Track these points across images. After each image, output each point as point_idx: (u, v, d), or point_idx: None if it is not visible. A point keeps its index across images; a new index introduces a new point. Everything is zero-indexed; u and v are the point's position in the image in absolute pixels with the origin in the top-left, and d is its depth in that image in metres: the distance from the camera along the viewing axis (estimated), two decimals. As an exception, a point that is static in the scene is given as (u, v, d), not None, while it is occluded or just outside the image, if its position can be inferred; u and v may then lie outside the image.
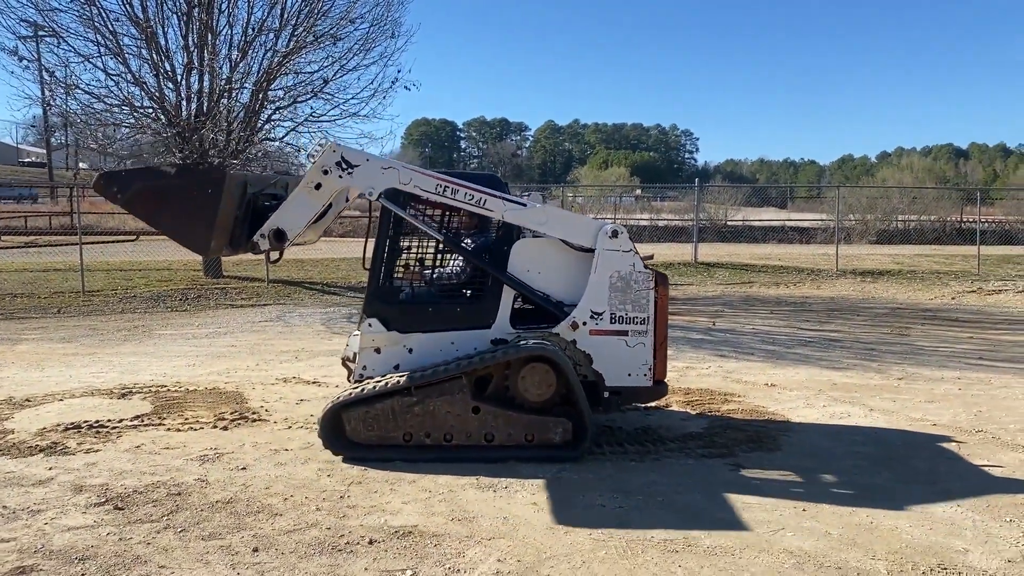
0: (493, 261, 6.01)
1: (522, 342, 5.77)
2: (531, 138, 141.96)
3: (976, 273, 19.84)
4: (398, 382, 5.66)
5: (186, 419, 6.71)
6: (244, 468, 5.50)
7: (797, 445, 6.23)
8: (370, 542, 4.37)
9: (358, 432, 5.71)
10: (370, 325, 5.98)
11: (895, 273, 19.96)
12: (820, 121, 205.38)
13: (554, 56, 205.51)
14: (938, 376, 8.71)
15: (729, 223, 33.20)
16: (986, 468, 5.71)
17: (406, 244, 6.34)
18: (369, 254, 6.21)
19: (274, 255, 6.12)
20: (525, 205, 5.97)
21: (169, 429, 6.44)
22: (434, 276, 6.24)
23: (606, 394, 5.94)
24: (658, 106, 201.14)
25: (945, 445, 6.26)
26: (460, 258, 6.23)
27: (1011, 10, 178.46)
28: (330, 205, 6.23)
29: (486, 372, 5.83)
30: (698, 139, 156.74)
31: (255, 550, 4.26)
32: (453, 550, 4.29)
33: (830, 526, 4.64)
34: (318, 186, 5.87)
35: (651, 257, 6.91)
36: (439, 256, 6.61)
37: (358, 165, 5.88)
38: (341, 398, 5.74)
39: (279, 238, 5.90)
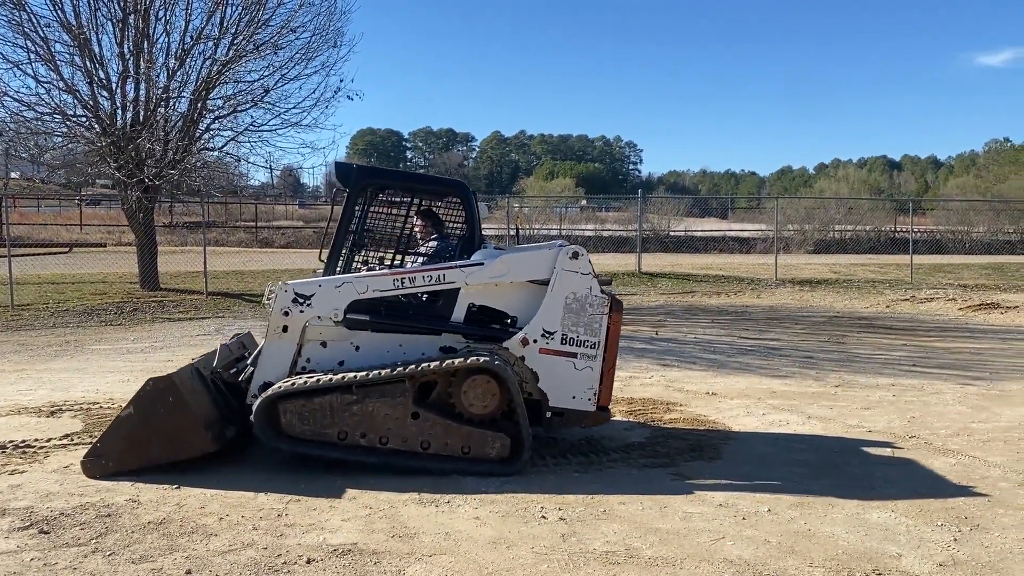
0: (443, 302, 6.00)
1: (470, 353, 5.72)
2: (477, 148, 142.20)
3: (909, 282, 20.42)
4: (339, 379, 5.58)
5: (118, 437, 6.48)
6: (178, 487, 5.34)
7: (738, 454, 6.30)
8: (308, 561, 4.27)
9: (292, 425, 5.60)
10: (319, 318, 5.89)
11: (832, 282, 20.43)
12: (760, 133, 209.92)
13: (500, 67, 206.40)
14: (873, 383, 8.91)
15: (672, 233, 33.63)
16: (919, 473, 5.84)
17: (367, 240, 6.32)
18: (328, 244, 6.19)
19: None
20: (483, 264, 5.95)
21: (100, 448, 6.22)
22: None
23: (548, 414, 5.93)
24: (603, 118, 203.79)
25: (880, 451, 6.39)
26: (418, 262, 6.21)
27: (943, 28, 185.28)
28: None
29: (430, 379, 5.76)
30: (642, 150, 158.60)
31: (188, 572, 4.13)
32: (394, 568, 4.22)
33: (769, 534, 4.69)
34: (285, 328, 5.87)
35: (610, 283, 6.96)
36: (398, 256, 6.55)
37: (313, 294, 5.87)
38: (279, 389, 5.63)
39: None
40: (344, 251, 6.22)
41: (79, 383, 8.68)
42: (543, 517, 4.91)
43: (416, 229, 6.72)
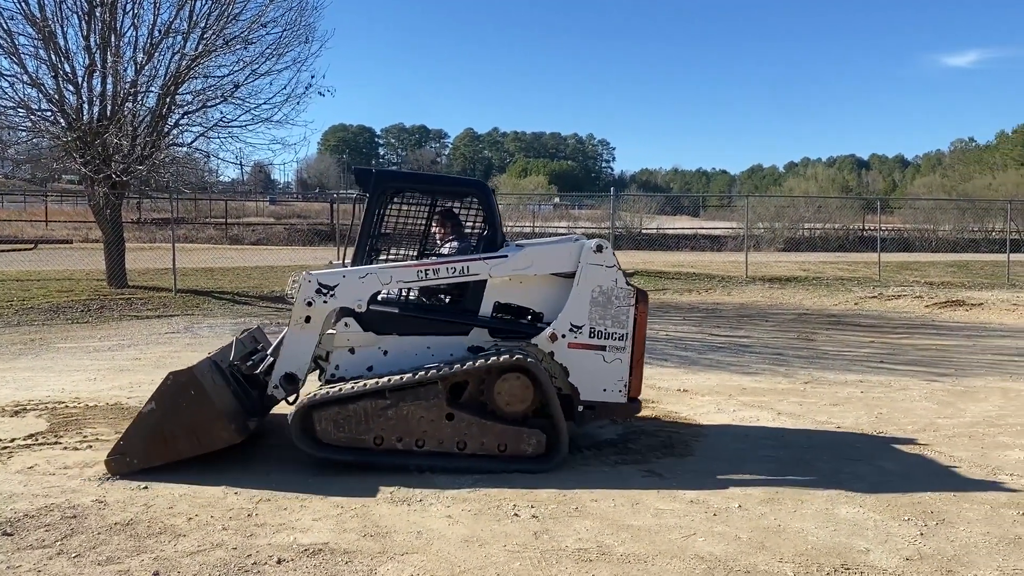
0: (471, 296, 6.01)
1: (500, 351, 5.70)
2: (450, 145, 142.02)
3: (877, 279, 20.68)
4: (372, 384, 5.56)
5: (85, 437, 6.39)
6: (146, 487, 5.27)
7: (708, 450, 6.34)
8: (278, 561, 4.24)
9: (328, 433, 5.59)
10: (346, 324, 5.88)
11: (802, 280, 20.63)
12: (731, 131, 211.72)
13: (474, 63, 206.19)
14: (842, 380, 9.01)
15: (644, 231, 33.77)
16: (886, 469, 5.92)
17: (387, 242, 6.32)
18: (349, 250, 6.16)
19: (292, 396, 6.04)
20: (507, 256, 5.95)
21: (66, 448, 6.12)
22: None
23: (580, 408, 5.93)
24: (576, 115, 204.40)
25: (848, 447, 6.47)
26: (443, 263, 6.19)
27: (911, 29, 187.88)
28: None
29: (462, 379, 5.75)
30: (614, 148, 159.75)
31: (155, 574, 4.08)
32: (365, 567, 4.20)
33: (740, 530, 4.73)
34: (308, 319, 5.86)
35: (633, 275, 7.00)
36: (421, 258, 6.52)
37: (336, 285, 5.85)
38: (313, 397, 5.61)
39: (292, 381, 5.86)
40: (367, 253, 6.20)
41: (44, 382, 8.53)
42: (515, 515, 4.91)
43: (435, 231, 6.70)
